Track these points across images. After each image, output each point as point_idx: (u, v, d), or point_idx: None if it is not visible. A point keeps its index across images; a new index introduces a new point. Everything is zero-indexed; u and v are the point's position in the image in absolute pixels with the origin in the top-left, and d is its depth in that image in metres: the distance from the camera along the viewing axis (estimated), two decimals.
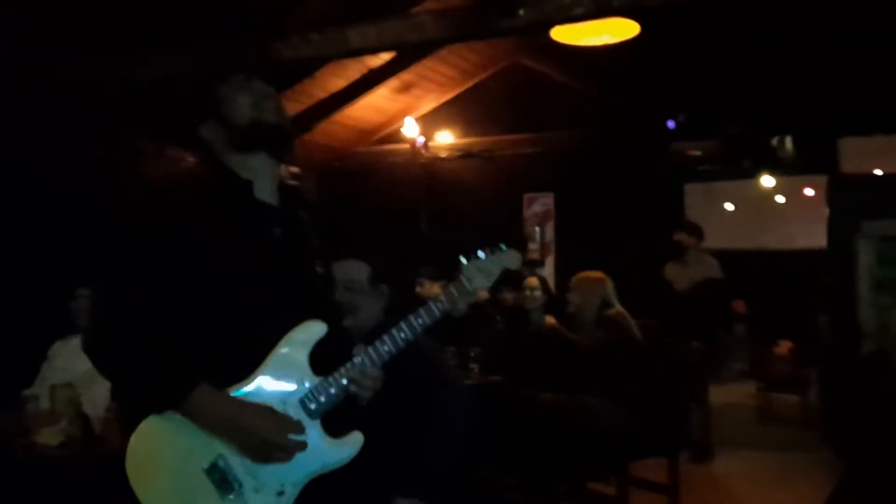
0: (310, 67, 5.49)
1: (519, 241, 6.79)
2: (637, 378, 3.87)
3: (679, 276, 5.87)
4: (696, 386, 5.62)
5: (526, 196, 6.94)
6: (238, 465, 1.50)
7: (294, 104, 5.97)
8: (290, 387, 1.54)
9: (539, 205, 6.87)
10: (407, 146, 6.71)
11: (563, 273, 6.26)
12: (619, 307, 4.04)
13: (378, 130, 6.95)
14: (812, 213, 8.04)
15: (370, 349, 1.60)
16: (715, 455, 5.73)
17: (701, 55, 5.50)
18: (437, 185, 6.87)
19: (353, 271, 2.56)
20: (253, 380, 1.53)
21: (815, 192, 7.83)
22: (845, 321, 5.20)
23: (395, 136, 6.90)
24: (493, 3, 3.81)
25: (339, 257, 2.64)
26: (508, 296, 4.74)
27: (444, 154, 6.93)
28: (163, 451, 1.49)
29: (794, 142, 6.00)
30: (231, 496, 1.49)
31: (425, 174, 6.87)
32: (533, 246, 6.85)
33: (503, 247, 1.72)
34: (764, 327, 9.73)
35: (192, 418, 1.48)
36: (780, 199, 9.34)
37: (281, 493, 1.51)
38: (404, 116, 6.72)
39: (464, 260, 1.66)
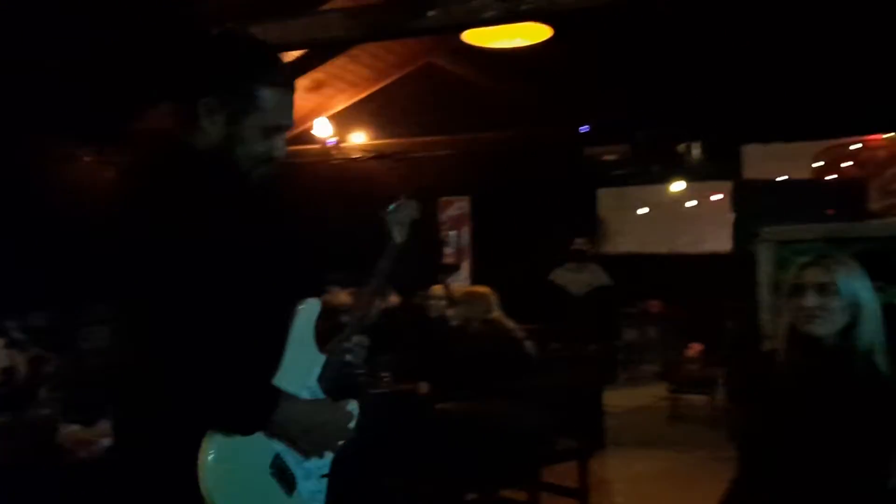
0: None
1: (434, 246, 6.74)
2: (528, 378, 3.93)
3: (573, 281, 5.97)
4: (595, 388, 5.79)
5: (441, 200, 6.89)
6: (290, 458, 1.52)
7: None
8: (310, 368, 1.59)
9: (454, 209, 6.83)
10: (318, 147, 6.55)
11: (479, 278, 6.23)
12: (500, 312, 4.13)
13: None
14: (721, 218, 8.28)
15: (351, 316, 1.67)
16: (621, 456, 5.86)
17: (611, 60, 5.56)
18: (350, 187, 6.72)
19: None
20: (284, 368, 1.52)
21: (723, 197, 8.07)
22: (747, 323, 5.33)
23: (306, 137, 6.72)
24: (402, 3, 3.72)
25: None
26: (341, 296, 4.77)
27: (356, 155, 6.79)
28: (233, 462, 1.45)
29: (702, 148, 6.15)
30: (293, 490, 1.52)
31: (337, 176, 6.72)
32: (448, 250, 6.80)
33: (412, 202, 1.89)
34: (676, 330, 10.00)
35: (274, 432, 1.46)
36: (690, 203, 9.61)
37: (323, 476, 1.59)
38: (315, 116, 6.55)
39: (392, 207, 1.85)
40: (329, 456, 1.59)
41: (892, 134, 7.12)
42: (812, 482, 1.98)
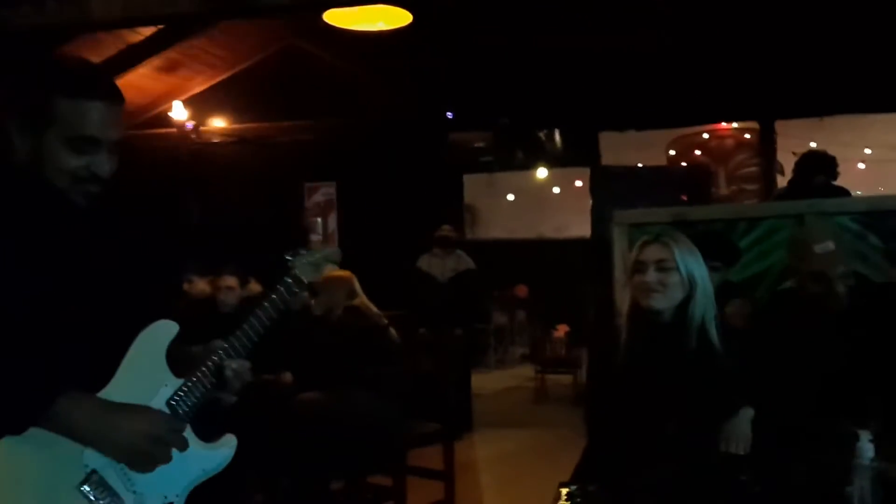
0: (54, 40, 4.89)
1: (300, 232, 6.58)
2: (392, 364, 3.94)
3: (438, 267, 6.04)
4: (459, 372, 5.90)
5: (307, 185, 6.73)
6: (114, 477, 1.40)
7: None
8: (152, 390, 1.46)
9: (321, 195, 6.69)
10: (174, 130, 6.23)
11: (346, 264, 6.14)
12: (363, 298, 4.09)
13: (141, 113, 6.37)
14: (582, 204, 8.60)
15: (227, 343, 1.53)
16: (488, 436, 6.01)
17: (474, 46, 5.61)
18: (210, 173, 6.44)
19: None
20: (111, 387, 1.42)
21: (584, 184, 8.39)
22: (606, 303, 5.56)
23: (161, 120, 6.37)
24: None
25: None
26: (199, 285, 4.66)
27: (216, 140, 6.52)
28: (24, 475, 1.33)
29: (561, 135, 6.33)
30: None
31: (195, 161, 6.42)
32: (315, 237, 6.67)
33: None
34: (543, 313, 10.33)
35: (59, 430, 1.33)
36: (555, 189, 9.93)
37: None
38: (171, 98, 6.23)
39: (290, 256, 1.65)
40: (181, 488, 1.47)
41: (738, 123, 7.64)
42: (652, 450, 2.06)
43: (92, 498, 1.37)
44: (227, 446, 1.53)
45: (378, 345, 3.88)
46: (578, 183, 8.86)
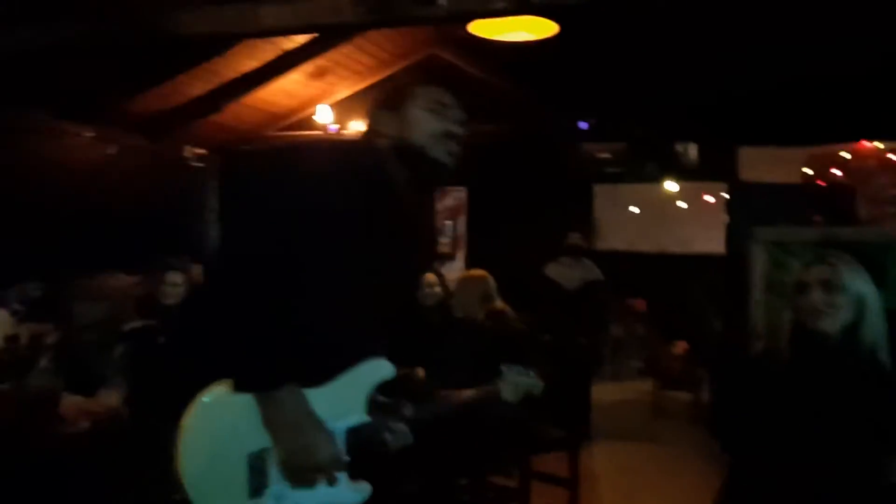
0: (221, 45, 5.27)
1: (430, 235, 6.77)
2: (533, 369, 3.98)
3: (566, 275, 6.04)
4: (583, 381, 5.91)
5: (438, 189, 6.91)
6: (272, 466, 1.50)
7: (201, 83, 5.73)
8: (340, 417, 1.56)
9: (451, 198, 6.86)
10: (318, 133, 6.56)
11: (473, 268, 6.26)
12: (500, 302, 4.16)
13: (289, 116, 6.76)
14: (710, 219, 8.38)
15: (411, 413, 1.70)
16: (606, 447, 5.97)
17: (614, 57, 5.61)
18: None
19: None
20: (320, 391, 1.53)
21: (715, 199, 8.17)
22: (737, 323, 5.43)
23: (307, 123, 6.72)
24: None
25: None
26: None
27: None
28: (218, 422, 1.48)
29: (698, 149, 6.22)
30: (257, 491, 1.49)
31: (336, 163, 6.72)
32: (444, 240, 6.83)
33: (531, 373, 1.98)
34: (661, 327, 10.11)
35: (266, 409, 1.46)
36: (681, 203, 9.70)
37: None
38: (317, 103, 6.56)
39: (505, 369, 1.86)
40: (322, 499, 1.53)
41: (882, 142, 7.25)
42: (813, 480, 2.01)
43: (253, 470, 1.48)
44: (362, 492, 1.59)
45: (521, 351, 3.94)
46: (708, 198, 8.63)
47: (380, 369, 1.60)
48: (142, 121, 5.89)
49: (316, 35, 5.48)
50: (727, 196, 5.88)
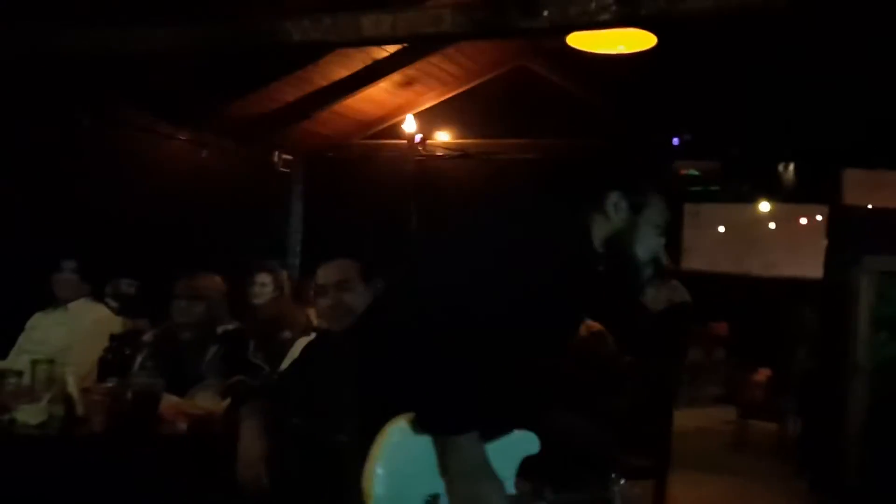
0: (315, 53, 5.34)
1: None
2: (623, 394, 3.86)
3: (653, 296, 5.84)
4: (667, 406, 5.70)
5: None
6: None
7: (293, 90, 5.82)
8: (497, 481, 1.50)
9: None
10: (403, 142, 6.58)
11: None
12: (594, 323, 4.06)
13: (376, 124, 6.80)
14: (801, 242, 8.05)
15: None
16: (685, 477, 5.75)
17: (709, 73, 5.44)
18: (431, 184, 6.74)
19: (344, 270, 2.47)
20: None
21: (808, 222, 7.84)
22: (834, 355, 5.16)
23: (392, 131, 6.76)
24: (515, 1, 3.68)
25: (327, 258, 2.56)
26: None
27: (440, 153, 6.80)
28: (404, 458, 1.46)
29: (797, 170, 5.96)
30: None
31: (419, 172, 6.74)
32: None
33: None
34: (743, 353, 9.75)
35: (446, 454, 1.44)
36: (771, 225, 9.36)
37: None
38: (403, 112, 6.58)
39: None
40: None
41: None
42: None
43: None
44: None
45: (616, 375, 3.84)
46: (802, 220, 8.31)
47: (529, 443, 1.57)
48: (234, 125, 6.02)
49: (406, 45, 5.49)
50: (825, 219, 5.61)
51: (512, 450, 1.54)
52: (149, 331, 3.74)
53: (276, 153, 6.50)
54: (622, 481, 1.80)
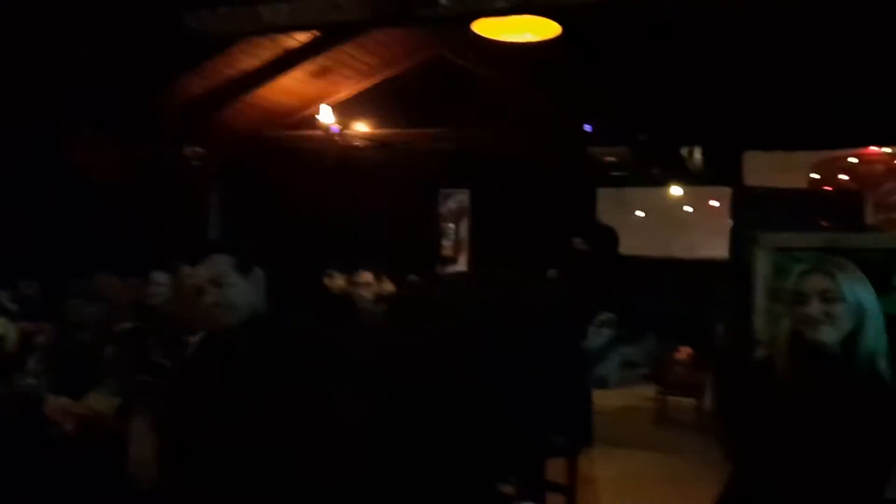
0: (220, 43, 5.25)
1: (433, 236, 6.74)
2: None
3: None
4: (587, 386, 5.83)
5: (442, 192, 6.87)
6: None
7: (203, 81, 5.72)
8: None
9: (454, 201, 6.81)
10: (321, 133, 6.53)
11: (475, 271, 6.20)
12: None
13: (291, 115, 6.73)
14: (715, 224, 8.31)
15: None
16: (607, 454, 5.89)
17: (618, 61, 5.56)
18: (351, 175, 6.71)
19: (217, 266, 2.37)
20: None
21: (720, 204, 8.08)
22: (741, 329, 5.34)
23: (309, 122, 6.70)
24: None
25: (201, 255, 2.48)
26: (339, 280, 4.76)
27: (359, 143, 6.77)
28: None
29: (703, 153, 6.15)
30: None
31: (338, 163, 6.70)
32: (447, 242, 6.79)
33: None
34: (666, 333, 10.01)
35: None
36: (687, 208, 9.62)
37: None
38: (319, 102, 6.53)
39: None
40: None
41: (890, 148, 7.16)
42: (811, 490, 1.97)
43: None
44: None
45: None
46: (713, 202, 8.55)
47: None
48: (142, 119, 5.87)
49: (318, 34, 5.45)
50: (731, 201, 5.80)
51: None
52: (45, 333, 3.63)
53: (189, 147, 6.37)
54: None
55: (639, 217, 9.89)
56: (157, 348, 3.45)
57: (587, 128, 5.94)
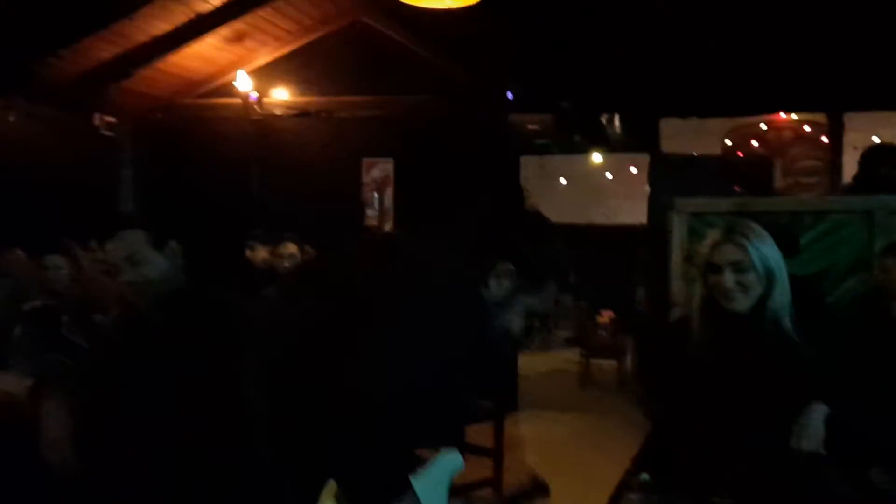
0: (128, 6, 5.00)
1: (357, 206, 6.66)
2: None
3: None
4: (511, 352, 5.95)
5: (365, 161, 6.78)
6: None
7: (110, 46, 5.44)
8: None
9: (378, 170, 6.73)
10: (238, 101, 6.33)
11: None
12: None
13: (206, 82, 6.49)
14: (635, 190, 8.53)
15: None
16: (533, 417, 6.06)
17: (538, 28, 5.58)
18: (271, 144, 6.54)
19: (131, 243, 2.28)
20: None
21: (639, 171, 8.30)
22: (658, 292, 5.52)
23: (226, 90, 6.48)
24: None
25: (110, 233, 2.38)
26: (261, 253, 4.70)
27: (278, 112, 6.60)
28: None
29: (621, 121, 6.26)
30: None
31: (258, 132, 6.52)
32: (371, 212, 6.72)
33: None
34: (589, 298, 10.28)
35: None
36: (608, 175, 9.84)
37: None
38: (236, 69, 6.32)
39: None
40: None
41: (799, 115, 7.48)
42: (721, 443, 2.05)
43: None
44: None
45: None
46: (633, 169, 8.77)
47: (453, 463, 1.55)
48: (47, 86, 5.56)
49: None
50: (649, 168, 5.96)
51: (442, 472, 1.52)
52: None
53: (98, 116, 6.07)
54: None
55: (561, 184, 10.07)
56: (69, 327, 3.32)
57: (509, 95, 5.95)
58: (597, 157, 7.74)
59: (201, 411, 1.50)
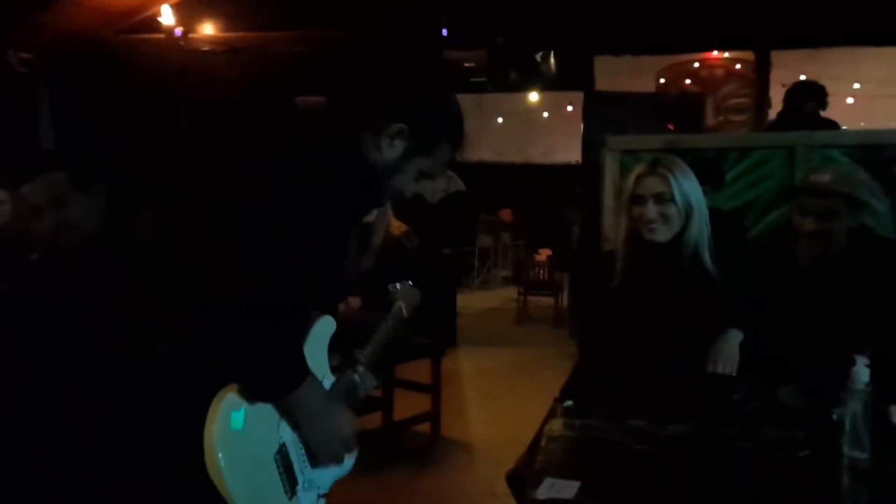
0: None
1: None
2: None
3: (429, 187, 6.02)
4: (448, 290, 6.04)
5: (298, 99, 6.60)
6: (295, 456, 1.46)
7: None
8: (322, 383, 1.50)
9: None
10: (162, 36, 6.05)
11: None
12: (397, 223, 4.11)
13: (127, 16, 6.16)
14: (571, 129, 8.59)
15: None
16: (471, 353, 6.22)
17: None
18: (199, 82, 6.30)
19: (54, 186, 2.21)
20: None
21: (574, 109, 8.33)
22: (592, 229, 5.64)
23: (149, 24, 6.18)
24: None
25: (30, 173, 2.29)
26: None
27: (206, 48, 6.35)
28: (244, 436, 1.36)
29: (556, 58, 6.25)
30: (290, 488, 1.44)
31: (184, 69, 6.27)
32: None
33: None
34: (527, 237, 10.44)
35: (290, 407, 1.40)
36: (545, 114, 9.87)
37: (320, 496, 1.52)
38: (160, 3, 6.02)
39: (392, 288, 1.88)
40: (328, 482, 1.54)
41: (731, 53, 7.59)
42: (644, 368, 2.15)
43: (280, 469, 1.42)
44: (355, 455, 1.59)
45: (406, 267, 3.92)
46: (569, 108, 8.80)
47: (329, 326, 1.56)
48: None
49: None
50: (583, 106, 5.99)
51: (320, 339, 1.55)
52: None
53: (12, 51, 5.74)
54: None
55: (498, 123, 10.06)
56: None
57: (444, 31, 5.85)
58: (534, 96, 7.73)
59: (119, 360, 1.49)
